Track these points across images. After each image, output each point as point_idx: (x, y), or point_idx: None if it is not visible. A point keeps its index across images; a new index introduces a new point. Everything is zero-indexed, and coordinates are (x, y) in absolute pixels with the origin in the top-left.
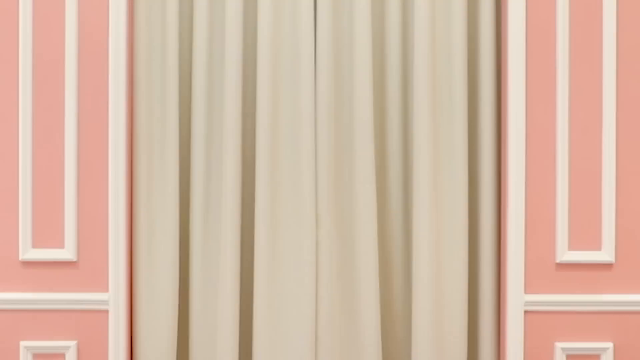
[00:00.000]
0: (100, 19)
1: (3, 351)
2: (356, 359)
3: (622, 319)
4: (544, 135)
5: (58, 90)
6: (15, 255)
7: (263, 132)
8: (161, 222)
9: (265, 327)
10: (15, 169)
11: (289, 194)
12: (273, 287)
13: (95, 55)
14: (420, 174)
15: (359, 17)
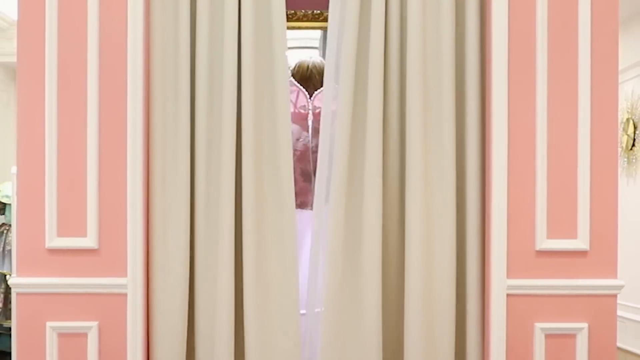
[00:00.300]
0: (120, 26)
1: (31, 331)
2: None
3: (596, 301)
4: (525, 134)
5: (81, 91)
6: (42, 244)
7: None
8: (174, 213)
9: (254, 305)
10: (41, 165)
11: (271, 190)
12: (260, 272)
13: (114, 59)
14: (413, 170)
15: (376, 27)
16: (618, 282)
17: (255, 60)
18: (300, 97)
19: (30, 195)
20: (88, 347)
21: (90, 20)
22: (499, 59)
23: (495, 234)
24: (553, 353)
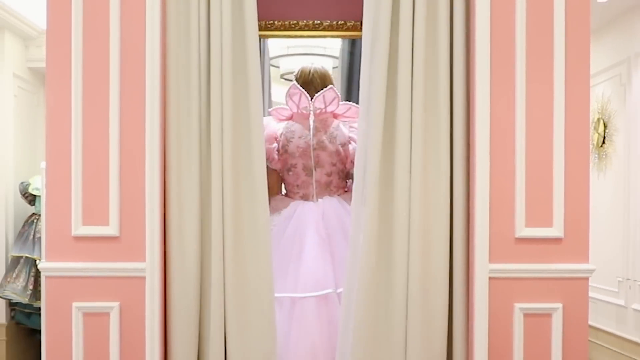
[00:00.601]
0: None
1: (58, 310)
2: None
3: (569, 284)
4: (505, 133)
5: (103, 93)
6: (68, 232)
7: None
8: (188, 204)
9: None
10: (68, 160)
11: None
12: (237, 256)
13: (134, 64)
14: (415, 168)
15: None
16: (589, 266)
17: (232, 68)
18: (303, 99)
19: (58, 188)
20: (110, 325)
21: (112, 30)
22: (482, 64)
23: (479, 223)
24: (531, 331)
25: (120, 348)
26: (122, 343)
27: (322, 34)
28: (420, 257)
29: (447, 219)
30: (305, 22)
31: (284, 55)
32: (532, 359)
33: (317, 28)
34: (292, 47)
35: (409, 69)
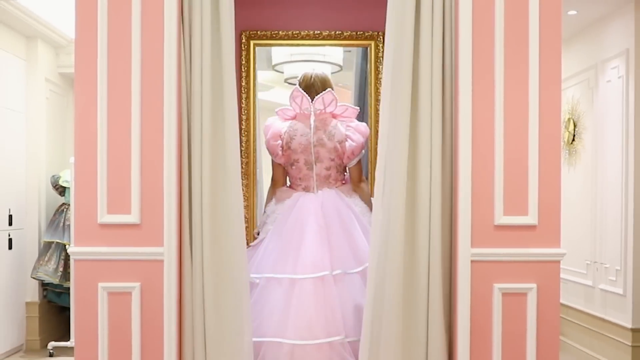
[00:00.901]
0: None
1: (86, 290)
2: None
3: (543, 266)
4: (485, 131)
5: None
6: (95, 220)
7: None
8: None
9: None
10: (94, 155)
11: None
12: (214, 240)
13: (153, 70)
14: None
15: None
16: (561, 250)
17: (211, 75)
18: (304, 100)
19: (85, 180)
20: (132, 303)
21: (133, 39)
22: (465, 71)
23: (462, 212)
24: (508, 308)
25: (141, 323)
26: (143, 319)
27: (321, 42)
28: (440, 240)
29: (437, 209)
30: (307, 32)
31: (288, 61)
32: (509, 333)
33: (317, 37)
34: (295, 54)
35: (430, 86)
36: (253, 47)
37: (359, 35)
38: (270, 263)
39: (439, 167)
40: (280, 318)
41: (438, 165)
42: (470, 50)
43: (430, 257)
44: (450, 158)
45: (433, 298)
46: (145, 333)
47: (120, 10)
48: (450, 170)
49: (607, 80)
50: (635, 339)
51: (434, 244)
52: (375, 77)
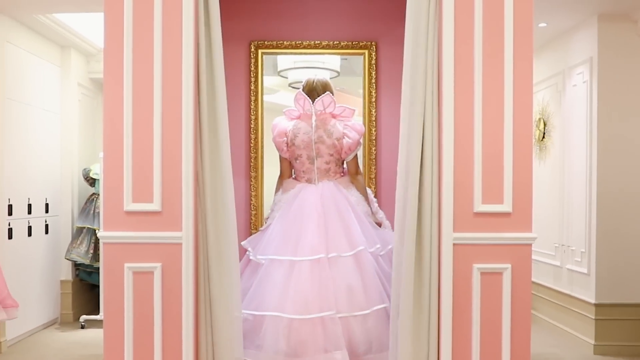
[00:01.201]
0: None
1: (113, 270)
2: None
3: (516, 249)
4: (465, 129)
5: (148, 98)
6: (121, 208)
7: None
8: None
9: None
10: (120, 151)
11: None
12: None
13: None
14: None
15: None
16: (532, 235)
17: (207, 80)
18: (306, 103)
19: (113, 173)
20: (154, 281)
21: (155, 48)
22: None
23: (445, 200)
24: (486, 285)
25: (162, 298)
26: (163, 295)
27: (321, 51)
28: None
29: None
30: (308, 42)
31: (291, 68)
32: (487, 308)
33: (317, 47)
34: (298, 61)
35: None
36: (261, 55)
37: (355, 44)
38: (274, 246)
39: (437, 162)
40: (280, 295)
41: (437, 160)
42: (452, 59)
43: (432, 243)
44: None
45: (435, 275)
46: (166, 307)
47: (143, 24)
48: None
49: (573, 84)
50: (598, 313)
51: (434, 232)
52: (369, 82)
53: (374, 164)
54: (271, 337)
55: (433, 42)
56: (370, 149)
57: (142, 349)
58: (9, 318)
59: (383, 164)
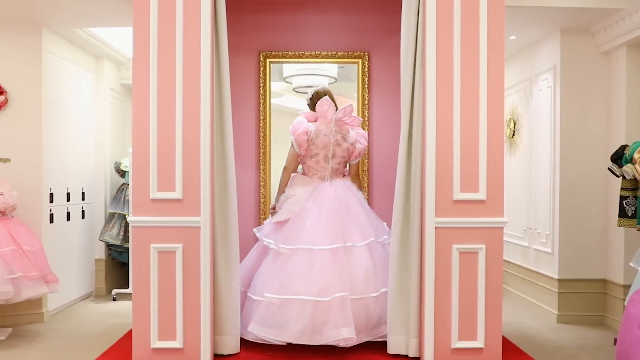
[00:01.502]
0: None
1: (141, 249)
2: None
3: (490, 231)
4: (446, 127)
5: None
6: (148, 196)
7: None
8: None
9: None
10: (147, 146)
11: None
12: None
13: (192, 81)
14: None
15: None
16: (504, 219)
17: (215, 86)
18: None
19: (140, 165)
20: (176, 259)
21: (177, 58)
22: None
23: (428, 190)
24: (464, 263)
25: (183, 274)
26: (184, 271)
27: (320, 60)
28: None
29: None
30: (309, 52)
31: (295, 75)
32: (464, 282)
33: (317, 56)
34: (301, 69)
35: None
36: (268, 64)
37: (350, 54)
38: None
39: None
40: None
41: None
42: (434, 67)
43: (418, 227)
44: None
45: (419, 254)
46: (187, 282)
47: (166, 37)
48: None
49: (539, 89)
50: (560, 287)
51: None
52: (362, 87)
53: (366, 157)
54: (297, 318)
55: (420, 53)
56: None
57: (166, 317)
58: (51, 291)
59: (374, 157)
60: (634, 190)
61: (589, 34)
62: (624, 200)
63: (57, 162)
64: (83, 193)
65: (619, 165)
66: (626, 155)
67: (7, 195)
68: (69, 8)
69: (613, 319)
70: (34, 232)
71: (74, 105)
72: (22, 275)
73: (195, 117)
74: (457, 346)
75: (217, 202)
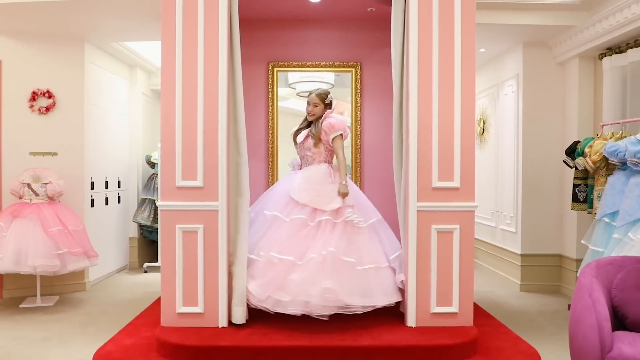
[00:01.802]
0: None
1: (168, 229)
2: None
3: (463, 214)
4: (426, 124)
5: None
6: (174, 184)
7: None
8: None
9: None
10: (173, 142)
11: (234, 145)
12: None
13: (211, 86)
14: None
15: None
16: (475, 204)
17: (231, 88)
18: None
19: (168, 158)
20: (198, 238)
21: (198, 68)
22: (413, 86)
23: (411, 178)
24: (441, 241)
25: (204, 251)
26: (205, 248)
27: (320, 69)
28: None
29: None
30: (310, 62)
31: (299, 81)
32: (441, 257)
33: (317, 66)
34: (304, 76)
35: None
36: (275, 72)
37: (345, 64)
38: None
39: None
40: None
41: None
42: (416, 75)
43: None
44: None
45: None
46: (206, 257)
47: (189, 50)
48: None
49: (504, 93)
50: (522, 261)
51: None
52: (355, 92)
53: (359, 152)
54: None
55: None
56: (356, 142)
57: (189, 286)
58: (91, 265)
59: (365, 152)
60: (584, 180)
61: (547, 47)
62: (576, 187)
63: (97, 155)
64: (119, 181)
65: (572, 158)
66: (578, 149)
67: (55, 184)
68: (107, 25)
69: (567, 287)
70: (78, 215)
71: (111, 107)
72: (67, 251)
73: (213, 118)
74: (435, 311)
75: (232, 189)
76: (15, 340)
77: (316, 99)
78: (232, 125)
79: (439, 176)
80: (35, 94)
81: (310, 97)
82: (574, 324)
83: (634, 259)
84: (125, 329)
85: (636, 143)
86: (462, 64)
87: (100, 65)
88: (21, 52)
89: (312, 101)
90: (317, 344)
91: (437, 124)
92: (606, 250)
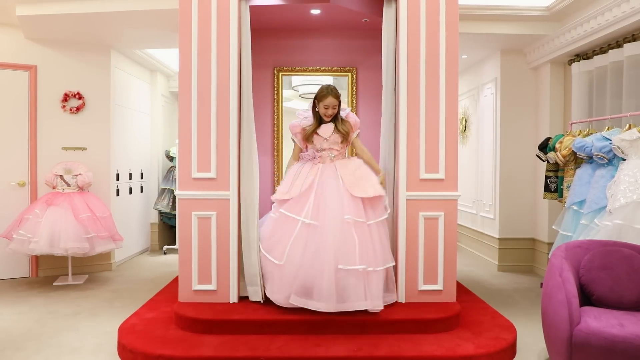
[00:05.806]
0: (225, 73)
1: (185, 216)
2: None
3: (447, 203)
4: (414, 123)
5: (207, 102)
6: (190, 175)
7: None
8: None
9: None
10: (189, 138)
11: (245, 142)
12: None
13: (223, 88)
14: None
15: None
16: (457, 193)
17: (244, 91)
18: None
19: (185, 153)
20: (211, 223)
21: (212, 72)
22: (402, 89)
23: (401, 171)
24: (427, 226)
25: (217, 236)
26: (217, 233)
27: (320, 73)
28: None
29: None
30: (312, 67)
31: (301, 84)
32: (428, 241)
33: (317, 70)
34: (305, 80)
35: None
36: (280, 76)
37: (342, 69)
38: None
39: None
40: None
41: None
42: (405, 79)
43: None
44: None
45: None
46: (219, 240)
47: (204, 56)
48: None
49: (484, 95)
50: (500, 244)
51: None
52: (351, 94)
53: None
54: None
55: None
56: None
57: (204, 267)
58: (117, 247)
59: None
60: (555, 172)
61: (522, 54)
62: (548, 179)
63: (122, 150)
64: (141, 173)
65: (544, 153)
66: (550, 145)
67: (85, 175)
68: (131, 34)
69: (540, 268)
70: (104, 203)
71: (134, 107)
72: (95, 235)
73: (225, 116)
74: (422, 288)
75: (242, 180)
76: (50, 314)
77: (335, 102)
78: (243, 123)
79: (426, 168)
80: (67, 96)
81: (330, 101)
82: (545, 300)
83: (599, 243)
84: (147, 304)
85: (601, 139)
86: (446, 68)
87: (124, 70)
88: (55, 58)
89: (331, 104)
90: (319, 318)
91: (424, 122)
92: (574, 234)
